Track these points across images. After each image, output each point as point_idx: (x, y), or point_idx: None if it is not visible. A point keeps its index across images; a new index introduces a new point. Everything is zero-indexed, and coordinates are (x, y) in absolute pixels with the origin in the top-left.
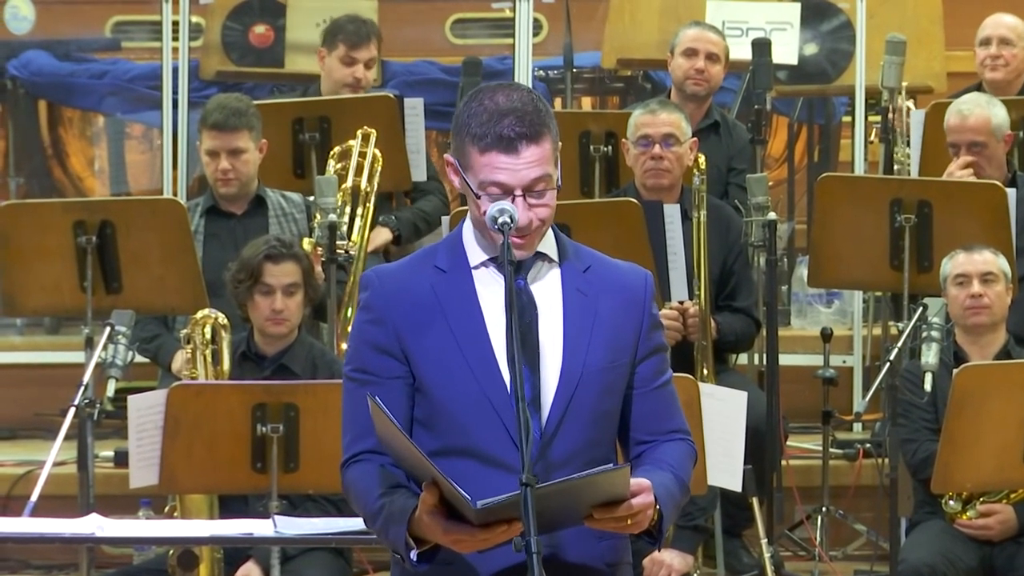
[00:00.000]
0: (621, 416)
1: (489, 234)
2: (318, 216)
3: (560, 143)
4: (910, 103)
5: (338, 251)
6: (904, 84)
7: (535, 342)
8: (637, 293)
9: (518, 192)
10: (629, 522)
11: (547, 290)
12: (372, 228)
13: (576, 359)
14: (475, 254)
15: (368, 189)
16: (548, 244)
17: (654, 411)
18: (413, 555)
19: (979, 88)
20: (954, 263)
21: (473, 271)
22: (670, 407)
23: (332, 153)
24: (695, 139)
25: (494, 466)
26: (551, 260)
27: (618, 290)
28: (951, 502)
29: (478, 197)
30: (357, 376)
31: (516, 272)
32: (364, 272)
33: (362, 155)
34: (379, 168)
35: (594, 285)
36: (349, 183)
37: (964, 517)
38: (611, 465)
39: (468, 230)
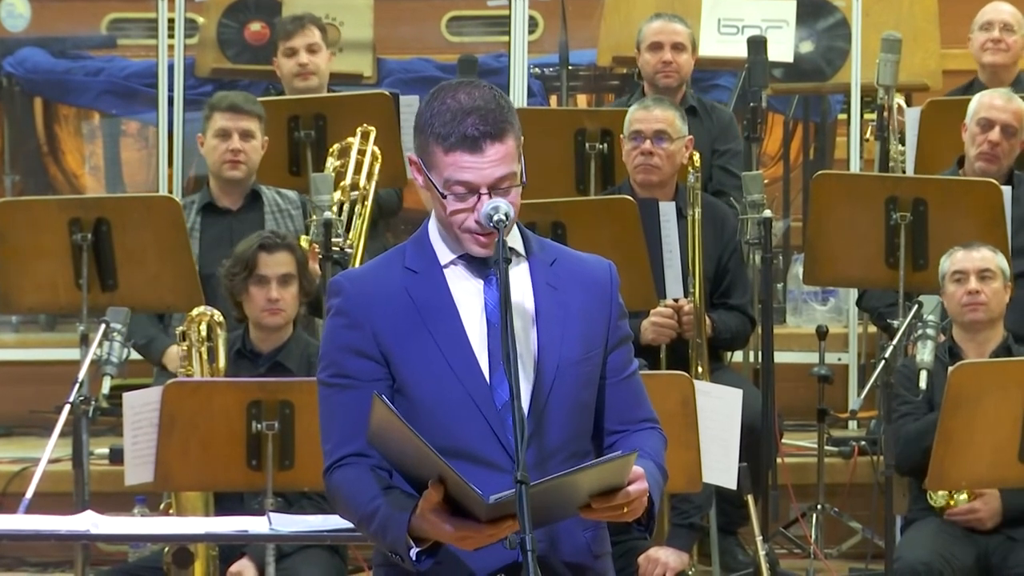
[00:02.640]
0: (596, 406)
1: (455, 232)
2: (314, 214)
3: (523, 138)
4: (900, 100)
5: (334, 248)
6: (891, 82)
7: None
8: (604, 284)
9: (483, 190)
10: (625, 510)
11: (517, 285)
12: (370, 226)
13: (551, 353)
14: (444, 253)
15: (367, 187)
16: (514, 239)
17: (625, 401)
18: (414, 554)
19: (972, 84)
20: (952, 260)
21: (444, 270)
22: (639, 396)
23: (331, 150)
24: (691, 136)
25: (478, 464)
26: (518, 254)
27: (585, 282)
28: (938, 496)
29: (444, 196)
30: (336, 381)
31: (485, 269)
32: (333, 277)
33: (361, 153)
34: (378, 166)
35: (562, 278)
36: (348, 180)
37: (951, 503)
38: (619, 453)
39: (434, 228)
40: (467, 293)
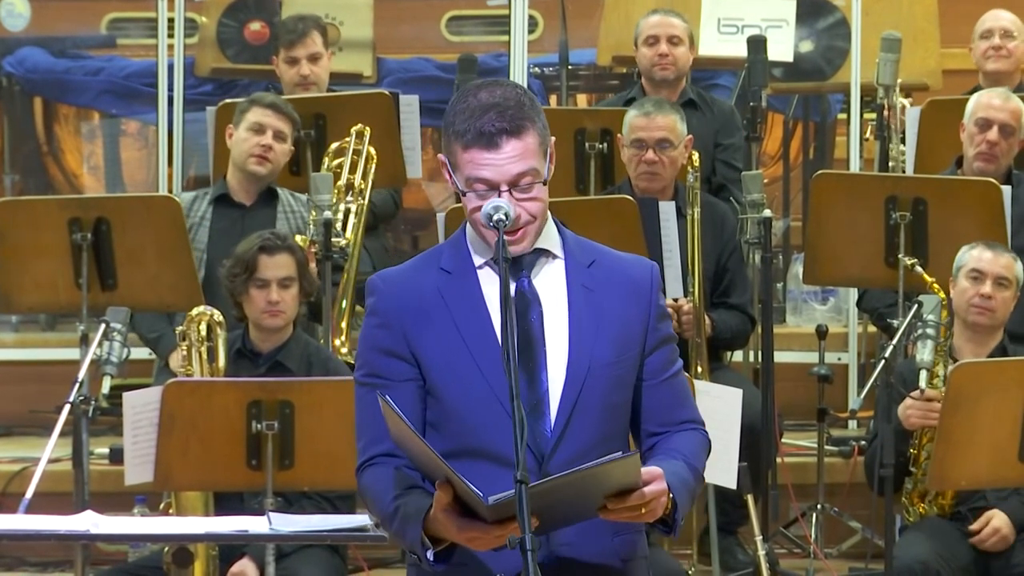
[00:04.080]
0: (633, 409)
1: (482, 232)
2: (313, 213)
3: (552, 137)
4: (906, 101)
5: (334, 248)
6: (899, 81)
7: (540, 339)
8: (643, 285)
9: (503, 187)
10: (643, 511)
11: (551, 286)
12: (367, 227)
13: (582, 354)
14: (478, 254)
15: (362, 186)
16: (552, 240)
17: (665, 402)
18: (430, 555)
19: (977, 88)
20: (972, 256)
21: (478, 271)
22: (681, 398)
23: (328, 151)
24: (690, 137)
25: (503, 465)
26: (554, 256)
27: (623, 283)
28: (913, 510)
29: (464, 195)
30: (368, 380)
31: (518, 269)
32: (370, 277)
33: (356, 152)
34: (373, 165)
35: (599, 279)
36: (343, 180)
37: (919, 508)
38: (620, 453)
39: (471, 230)
40: (499, 294)
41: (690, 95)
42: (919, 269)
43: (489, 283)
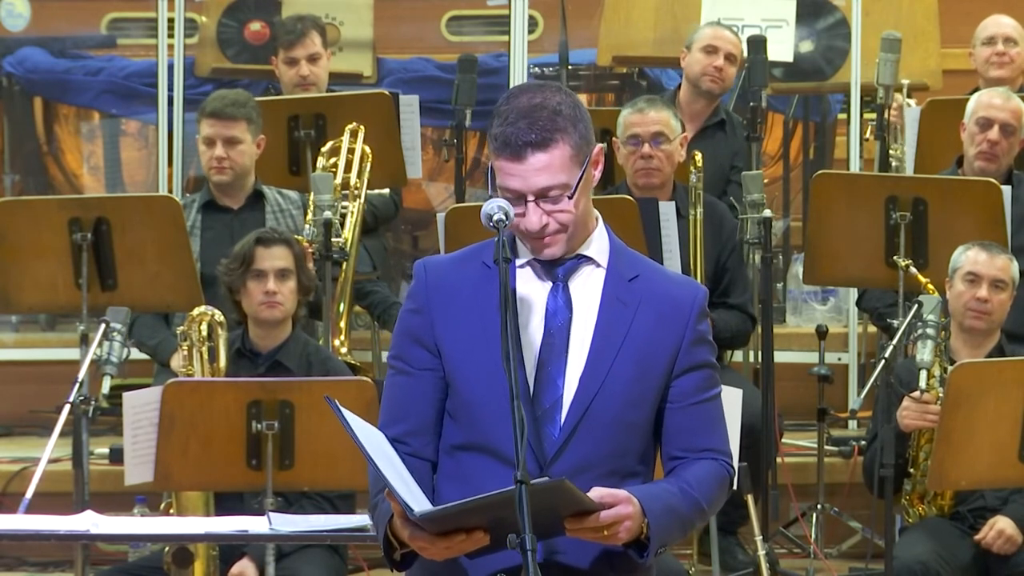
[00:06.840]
0: (660, 431)
1: (517, 232)
2: (310, 213)
3: (599, 145)
4: (912, 100)
5: (334, 248)
6: (907, 82)
7: (561, 345)
8: (683, 307)
9: (530, 197)
10: (605, 533)
11: (586, 295)
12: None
13: (599, 367)
14: (523, 252)
15: (358, 184)
16: (599, 248)
17: (688, 427)
18: (397, 555)
19: (977, 89)
20: (967, 259)
21: (518, 269)
22: (708, 425)
23: (322, 150)
24: (685, 135)
25: (509, 464)
26: (598, 265)
27: (662, 302)
28: (913, 512)
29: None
30: (394, 364)
31: (555, 273)
32: (416, 261)
33: (351, 151)
34: (368, 164)
35: (637, 295)
36: (339, 179)
37: (918, 509)
38: (545, 479)
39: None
40: (533, 294)
41: (722, 115)
42: (913, 270)
43: (525, 282)
